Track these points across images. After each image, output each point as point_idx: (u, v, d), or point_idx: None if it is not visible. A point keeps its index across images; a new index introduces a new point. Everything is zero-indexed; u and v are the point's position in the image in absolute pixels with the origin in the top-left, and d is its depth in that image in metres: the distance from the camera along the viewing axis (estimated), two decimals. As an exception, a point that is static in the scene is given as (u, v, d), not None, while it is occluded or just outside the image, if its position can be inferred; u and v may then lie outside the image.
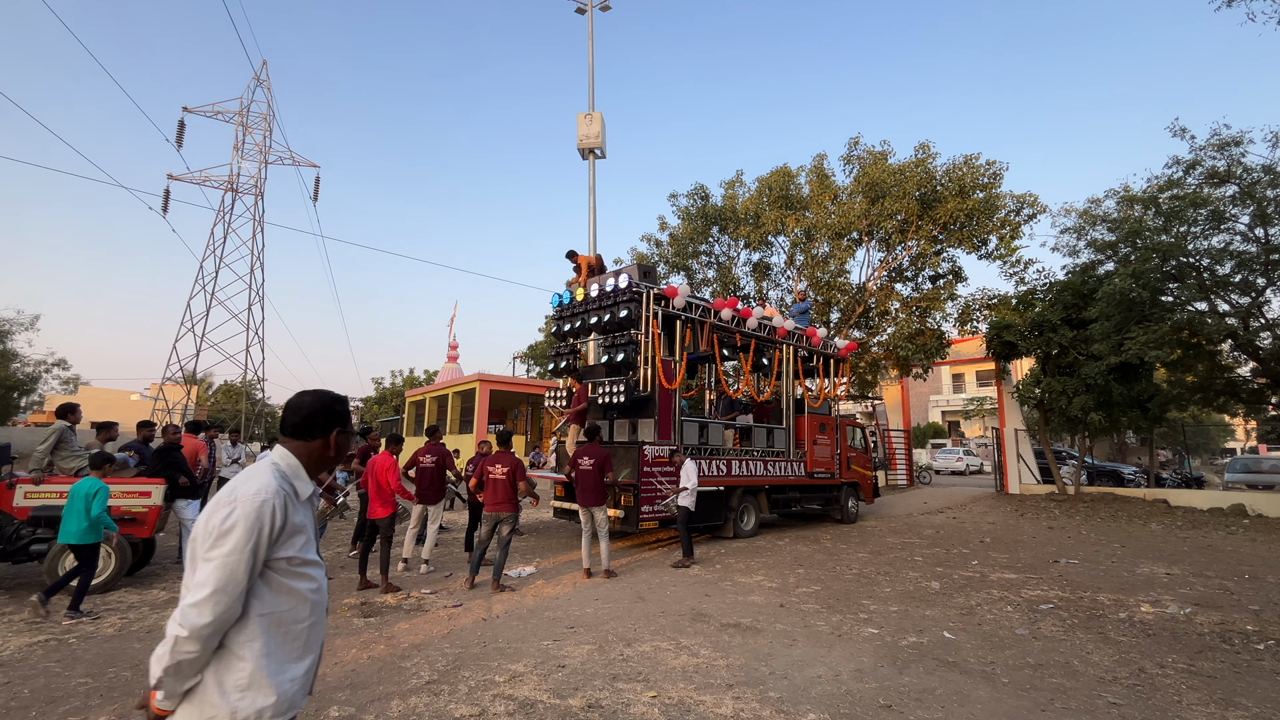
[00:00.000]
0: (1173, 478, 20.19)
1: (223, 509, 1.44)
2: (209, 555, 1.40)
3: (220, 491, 1.50)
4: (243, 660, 1.43)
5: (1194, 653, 4.68)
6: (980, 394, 38.43)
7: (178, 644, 1.36)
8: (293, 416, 1.64)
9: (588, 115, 15.22)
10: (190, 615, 1.36)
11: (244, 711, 1.41)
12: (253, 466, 1.61)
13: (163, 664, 1.36)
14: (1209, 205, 12.08)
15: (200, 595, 1.37)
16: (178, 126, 34.89)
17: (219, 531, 1.41)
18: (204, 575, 1.39)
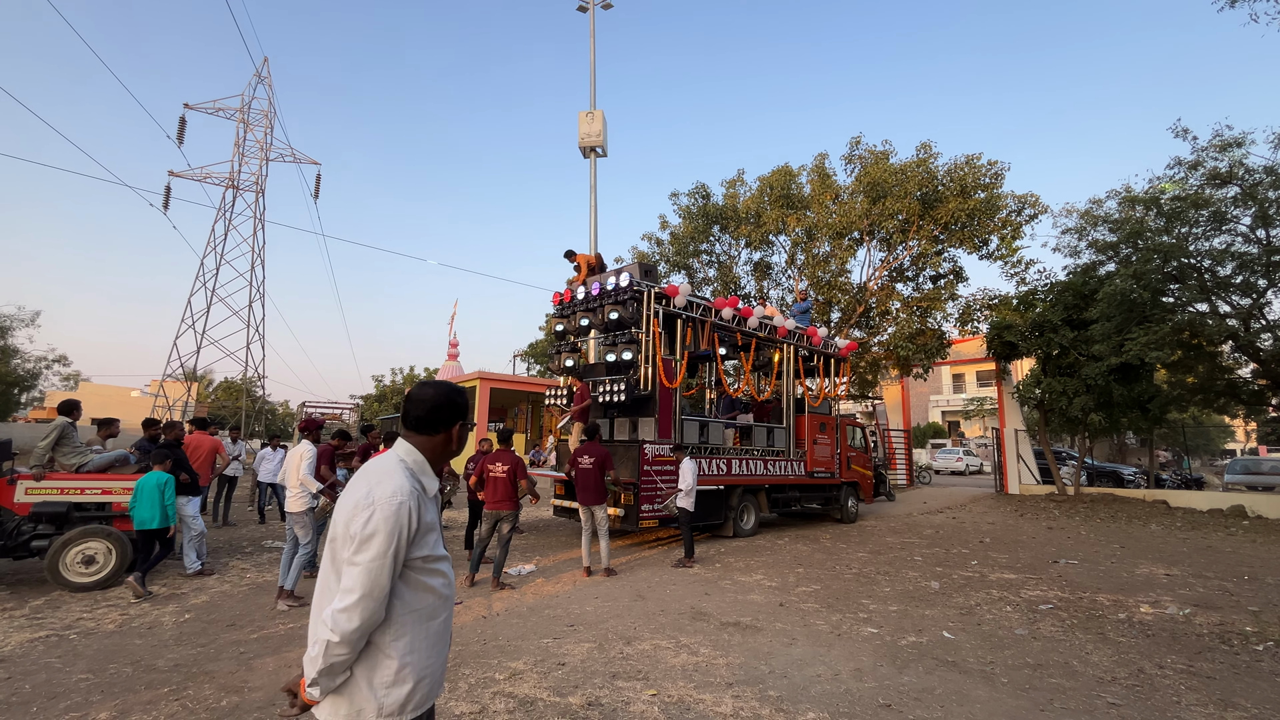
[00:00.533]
0: (1172, 478, 20.19)
1: (362, 513, 1.45)
2: (354, 560, 1.44)
3: (356, 492, 1.51)
4: (389, 658, 1.48)
5: (1193, 653, 4.68)
6: (980, 394, 38.42)
7: (329, 648, 1.40)
8: (416, 410, 1.63)
9: (589, 113, 15.20)
10: (340, 620, 1.40)
11: (390, 706, 1.46)
12: (380, 464, 1.60)
13: (316, 666, 1.41)
14: (1210, 206, 12.07)
15: (349, 601, 1.41)
16: (179, 123, 34.84)
17: (361, 537, 1.44)
18: (350, 581, 1.42)
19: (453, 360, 32.27)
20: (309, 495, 5.80)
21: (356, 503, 1.48)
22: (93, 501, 6.07)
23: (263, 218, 37.08)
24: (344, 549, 1.47)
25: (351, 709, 1.45)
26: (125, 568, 6.10)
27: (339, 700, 1.46)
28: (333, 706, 1.46)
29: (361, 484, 1.53)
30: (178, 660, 4.21)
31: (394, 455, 1.62)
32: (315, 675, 1.42)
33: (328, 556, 1.54)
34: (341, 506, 1.52)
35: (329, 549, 1.54)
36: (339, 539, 1.49)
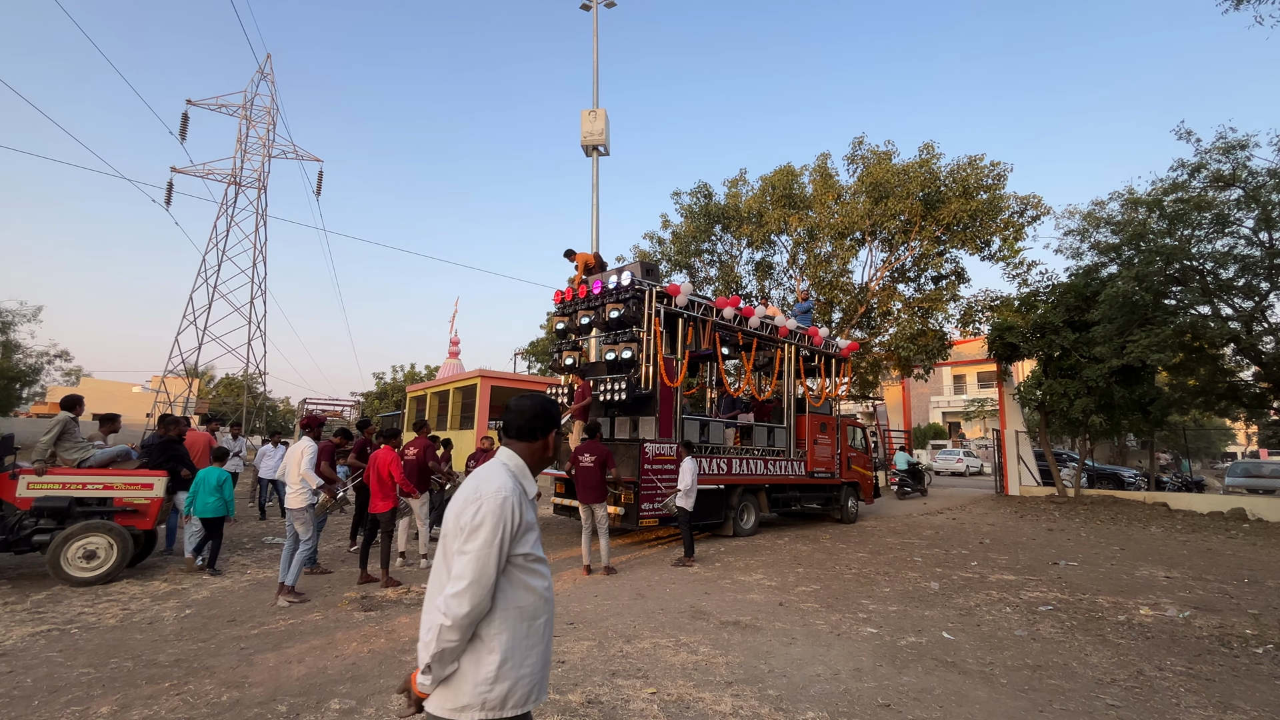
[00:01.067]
0: (1173, 481, 20.17)
1: (471, 506, 1.55)
2: (464, 549, 1.52)
3: (466, 490, 1.62)
4: (493, 652, 1.54)
5: (1192, 656, 4.68)
6: (981, 395, 38.39)
7: (442, 632, 1.49)
8: (517, 420, 1.76)
9: (592, 112, 15.19)
10: (452, 605, 1.48)
11: (492, 701, 1.52)
12: (486, 467, 1.70)
13: (430, 650, 1.49)
14: (1213, 209, 12.05)
15: (460, 586, 1.49)
16: (181, 119, 34.81)
17: (470, 527, 1.53)
18: (460, 568, 1.51)
19: (454, 358, 32.27)
20: (309, 492, 5.80)
21: (466, 498, 1.59)
22: (94, 496, 6.08)
23: (265, 214, 37.08)
24: (454, 541, 1.56)
25: (457, 702, 1.51)
26: (127, 563, 6.12)
27: (446, 693, 1.53)
28: (440, 699, 1.53)
29: (470, 483, 1.63)
30: (179, 655, 4.22)
31: (498, 460, 1.73)
32: (430, 660, 1.49)
33: (440, 551, 1.63)
34: (453, 504, 1.62)
35: (441, 544, 1.62)
36: (449, 533, 1.58)
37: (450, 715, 1.51)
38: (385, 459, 6.32)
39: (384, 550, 6.32)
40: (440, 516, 9.80)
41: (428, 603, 1.61)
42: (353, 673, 3.94)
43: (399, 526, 7.39)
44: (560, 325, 10.17)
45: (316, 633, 4.77)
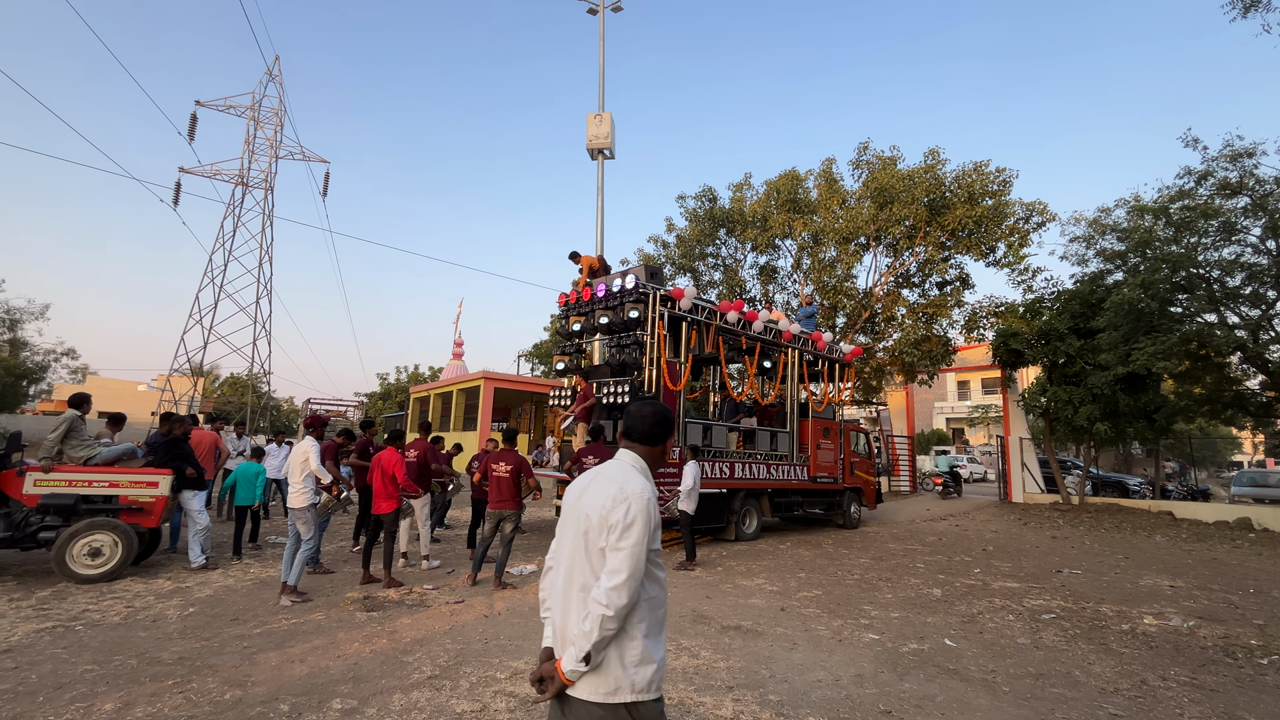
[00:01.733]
0: (1178, 490, 20.06)
1: (620, 506, 1.64)
2: (619, 545, 1.62)
3: (608, 489, 1.69)
4: (634, 639, 1.64)
5: (1197, 666, 4.65)
6: (985, 401, 38.29)
7: (604, 622, 1.57)
8: (641, 425, 1.86)
9: (597, 116, 15.24)
10: (614, 597, 1.57)
11: (640, 683, 1.63)
12: (616, 468, 1.78)
13: (591, 640, 1.57)
14: (1220, 216, 12.00)
15: (619, 580, 1.58)
16: (190, 120, 35.10)
17: (624, 525, 1.63)
18: (618, 563, 1.60)
19: (457, 359, 32.34)
20: (311, 491, 5.83)
21: (613, 497, 1.66)
22: (100, 494, 6.11)
23: (271, 215, 37.31)
24: (600, 537, 1.65)
25: (609, 686, 1.61)
26: (131, 561, 6.15)
27: (597, 679, 1.62)
28: (591, 685, 1.62)
29: (610, 483, 1.70)
30: (182, 653, 4.24)
31: (624, 462, 1.82)
32: (589, 649, 1.57)
33: (579, 546, 1.70)
34: (594, 502, 1.69)
35: (580, 540, 1.69)
36: (593, 530, 1.67)
37: (602, 699, 1.61)
38: (390, 460, 6.34)
39: (386, 551, 6.34)
40: (442, 518, 9.86)
41: (563, 597, 1.71)
42: (354, 673, 3.95)
43: (401, 527, 7.41)
44: (564, 327, 10.20)
45: (319, 632, 4.78)
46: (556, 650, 1.72)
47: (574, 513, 1.76)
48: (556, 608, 1.74)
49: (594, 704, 1.61)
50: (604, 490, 1.69)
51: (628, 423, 1.89)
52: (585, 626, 1.59)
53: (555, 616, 1.75)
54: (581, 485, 1.81)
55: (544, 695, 1.68)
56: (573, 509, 1.78)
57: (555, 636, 1.74)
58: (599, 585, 1.60)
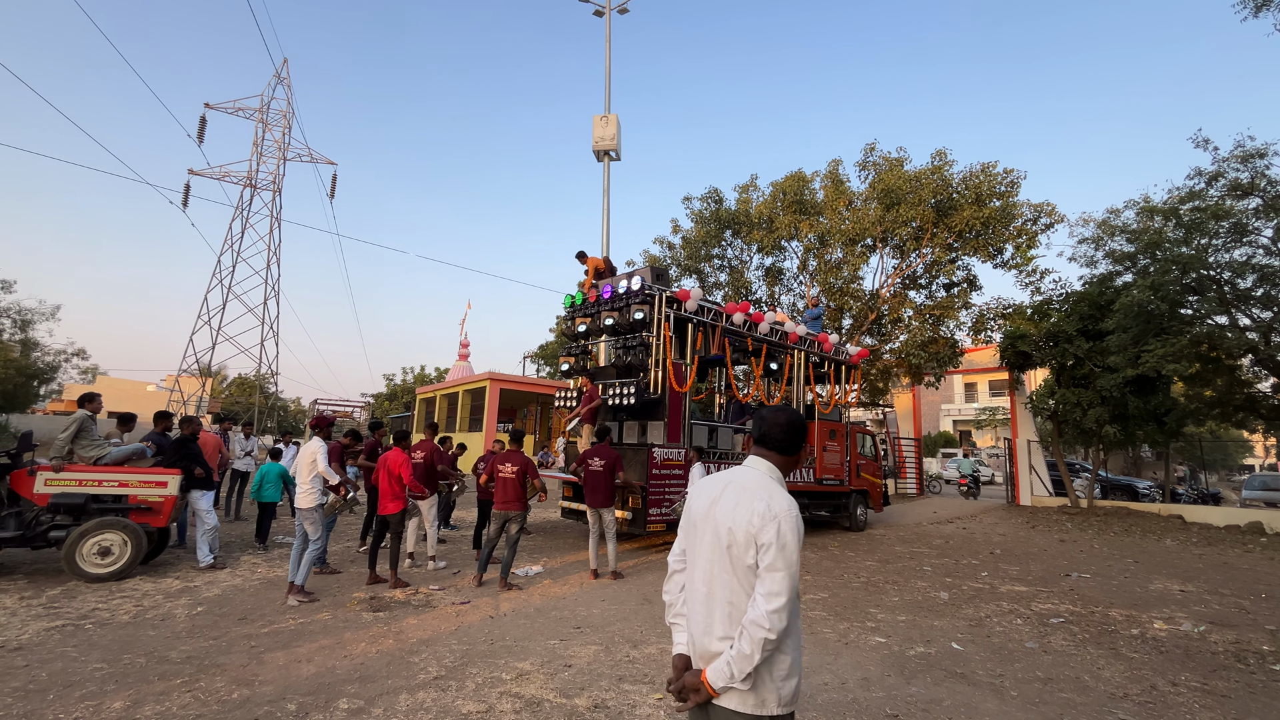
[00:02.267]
0: (1188, 493, 19.87)
1: (770, 524, 1.63)
2: (776, 566, 1.61)
3: (753, 505, 1.68)
4: (784, 653, 1.67)
5: (1207, 671, 4.61)
6: (993, 404, 38.03)
7: (765, 645, 1.58)
8: (777, 433, 1.83)
9: (603, 117, 15.26)
10: (775, 620, 1.58)
11: (785, 697, 1.66)
12: (754, 479, 1.76)
13: (753, 662, 1.58)
14: (1231, 218, 11.90)
15: (780, 603, 1.58)
16: (199, 122, 35.43)
17: (777, 545, 1.62)
18: (777, 585, 1.60)
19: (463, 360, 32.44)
20: (319, 492, 5.86)
21: (761, 514, 1.65)
22: (110, 494, 6.16)
23: (279, 217, 37.57)
24: (746, 554, 1.65)
25: (758, 699, 1.63)
26: (140, 560, 6.19)
27: (746, 694, 1.63)
28: (740, 698, 1.63)
29: (754, 498, 1.69)
30: (190, 652, 4.27)
31: (760, 472, 1.80)
32: (750, 670, 1.59)
33: (720, 560, 1.69)
34: (738, 516, 1.68)
35: (723, 554, 1.69)
36: (737, 545, 1.67)
37: (751, 711, 1.63)
38: (396, 460, 6.36)
39: (393, 551, 6.36)
40: (447, 518, 9.89)
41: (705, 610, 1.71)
42: (361, 673, 3.97)
43: (408, 528, 7.43)
44: (569, 329, 10.21)
45: (325, 632, 4.80)
46: (695, 659, 1.73)
47: (709, 522, 1.76)
48: (696, 617, 1.74)
49: (742, 714, 1.64)
50: (748, 505, 1.68)
51: (762, 430, 1.86)
52: (744, 649, 1.59)
53: (694, 626, 1.75)
54: (711, 493, 1.81)
55: (686, 706, 1.70)
56: (706, 517, 1.77)
57: (693, 646, 1.75)
58: (757, 607, 1.60)
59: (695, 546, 1.80)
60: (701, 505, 1.81)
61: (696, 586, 1.76)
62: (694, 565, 1.79)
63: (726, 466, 8.75)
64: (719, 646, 1.67)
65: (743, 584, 1.66)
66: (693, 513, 1.84)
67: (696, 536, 1.80)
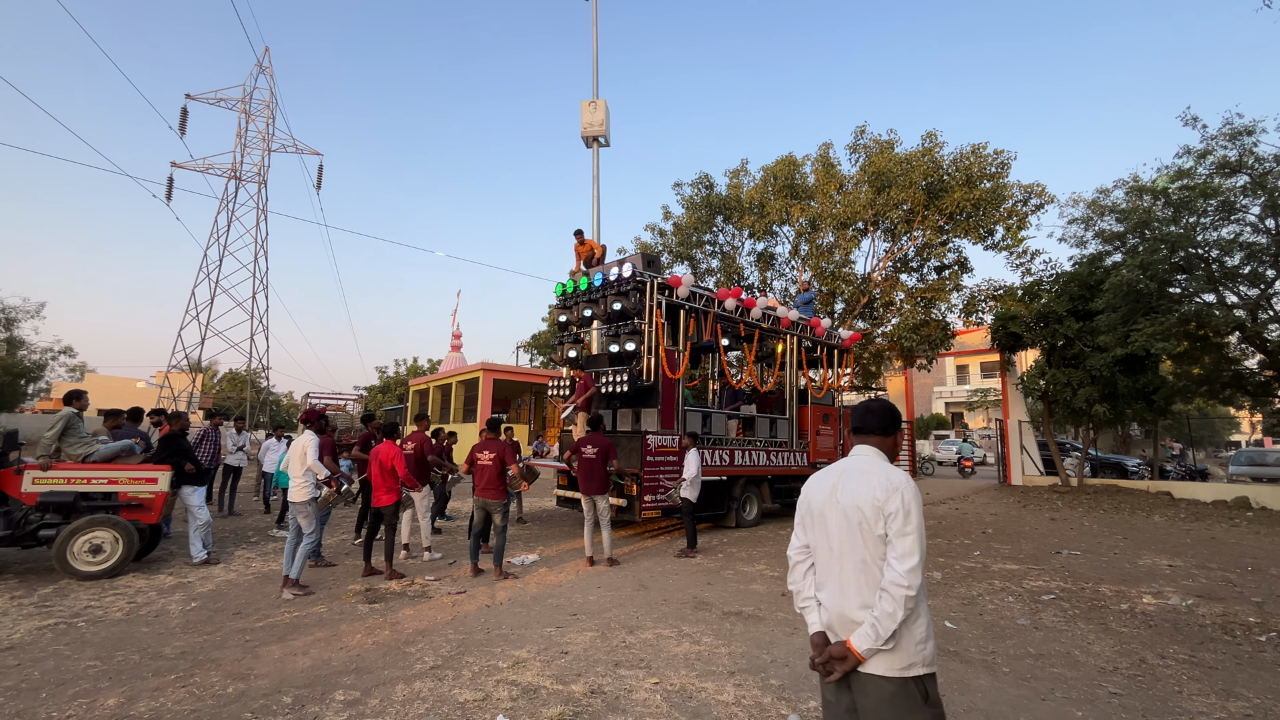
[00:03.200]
0: (1176, 470, 20.14)
1: (894, 495, 1.79)
2: (906, 530, 1.75)
3: (875, 481, 1.83)
4: (919, 616, 1.79)
5: (1195, 644, 4.68)
6: (984, 385, 38.35)
7: (906, 601, 1.70)
8: (874, 420, 2.01)
9: (592, 103, 15.11)
10: (913, 578, 1.71)
11: (926, 658, 1.77)
12: (866, 460, 1.94)
13: (896, 620, 1.71)
14: (1219, 195, 11.94)
15: (914, 561, 1.72)
16: (181, 114, 34.78)
17: (903, 511, 1.77)
18: (909, 546, 1.74)
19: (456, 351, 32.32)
20: (312, 485, 5.82)
21: (884, 487, 1.81)
22: (99, 491, 6.11)
23: (265, 208, 37.08)
24: (877, 525, 1.79)
25: (903, 661, 1.75)
26: (132, 557, 6.15)
27: (891, 656, 1.75)
28: (887, 662, 1.75)
29: (872, 476, 1.85)
30: (184, 648, 4.25)
31: (870, 456, 1.96)
32: (894, 628, 1.71)
33: (853, 537, 1.83)
34: (862, 494, 1.83)
35: (856, 531, 1.82)
36: (868, 520, 1.80)
37: (898, 674, 1.74)
38: (388, 453, 6.33)
39: (387, 543, 6.35)
40: (443, 509, 9.87)
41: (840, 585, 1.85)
42: (357, 664, 3.96)
43: (402, 519, 7.42)
44: (562, 317, 10.16)
45: (321, 625, 4.80)
46: (835, 634, 1.84)
47: (833, 508, 1.89)
48: (832, 594, 1.87)
49: (889, 678, 1.74)
50: (869, 483, 1.83)
51: (861, 420, 2.03)
52: (887, 608, 1.71)
53: (830, 603, 1.87)
54: (830, 481, 1.95)
55: (834, 676, 1.80)
56: (830, 504, 1.91)
57: (833, 621, 1.86)
58: (894, 569, 1.73)
59: (821, 533, 1.94)
60: (820, 496, 1.96)
61: (830, 567, 1.89)
62: (823, 549, 1.92)
63: (721, 453, 8.80)
64: (860, 615, 1.78)
65: (875, 554, 1.79)
66: (812, 505, 1.99)
67: (821, 524, 1.94)
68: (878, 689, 1.75)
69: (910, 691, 1.74)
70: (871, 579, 1.78)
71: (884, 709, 1.74)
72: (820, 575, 1.95)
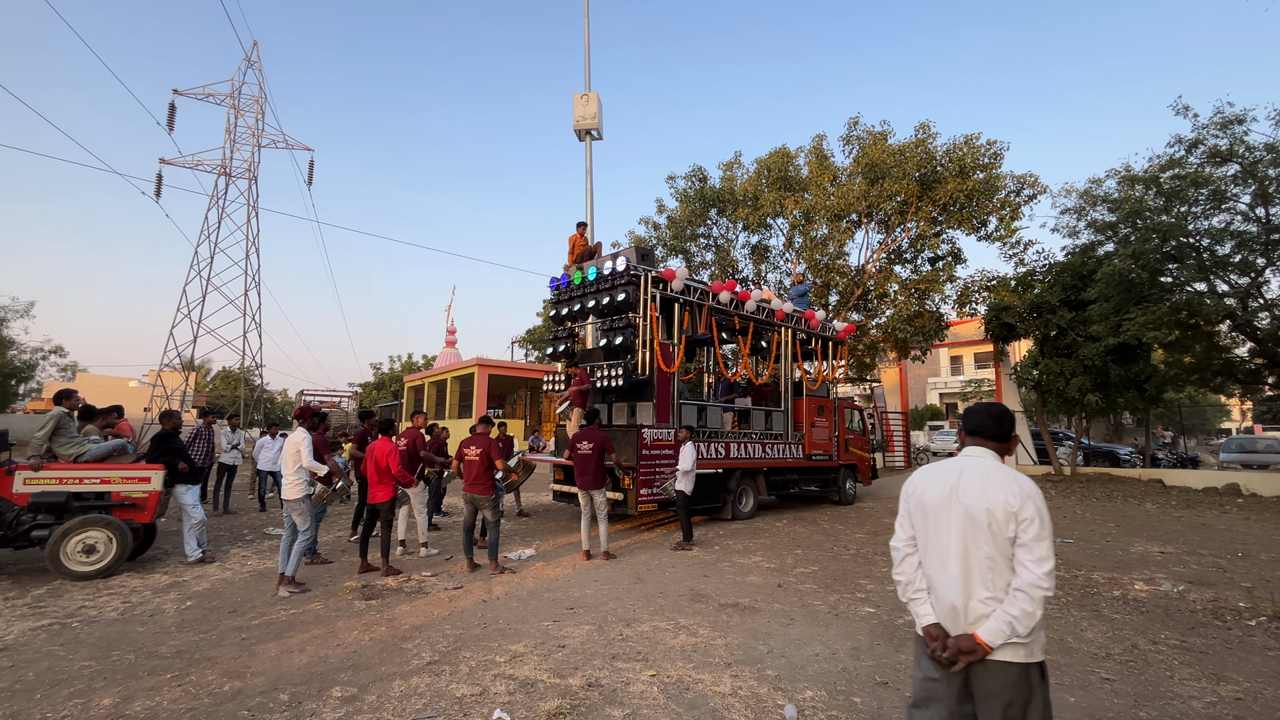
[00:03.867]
0: (1168, 458, 20.32)
1: (1028, 502, 1.90)
2: (1042, 535, 1.88)
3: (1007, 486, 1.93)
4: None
5: (1186, 629, 4.73)
6: (978, 376, 38.51)
7: (1043, 602, 1.85)
8: (991, 425, 2.11)
9: (584, 96, 15.00)
10: (1049, 580, 1.85)
11: (1043, 645, 1.94)
12: (990, 464, 2.03)
13: (1035, 618, 1.84)
14: (1210, 185, 11.99)
15: (1050, 565, 1.86)
16: (169, 109, 34.35)
17: (1038, 518, 1.89)
18: (1044, 551, 1.86)
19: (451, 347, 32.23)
20: (305, 482, 5.80)
21: (1017, 494, 1.92)
22: (92, 491, 6.07)
23: (256, 205, 36.76)
24: (1007, 528, 1.90)
25: (1028, 650, 1.90)
26: (127, 556, 6.12)
27: (1018, 646, 1.89)
28: (1012, 651, 1.89)
29: (1000, 482, 1.95)
30: (180, 647, 4.24)
31: (989, 459, 2.06)
32: (1033, 625, 1.85)
33: (977, 535, 1.93)
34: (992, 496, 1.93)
35: (985, 532, 1.92)
36: (998, 521, 1.91)
37: (1024, 660, 1.89)
38: (383, 450, 6.31)
39: (383, 539, 6.34)
40: (438, 505, 9.86)
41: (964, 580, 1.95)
42: (354, 661, 3.96)
43: (398, 515, 7.41)
44: (556, 312, 10.13)
45: (317, 622, 4.79)
46: (953, 624, 1.96)
47: (954, 506, 2.00)
48: (951, 587, 1.97)
49: (1014, 664, 1.89)
50: (1000, 487, 1.94)
51: (977, 423, 2.12)
52: (1027, 607, 1.84)
53: (948, 596, 1.97)
54: (946, 482, 2.04)
55: (959, 666, 1.93)
56: (949, 502, 2.01)
57: (954, 613, 1.96)
58: (1031, 571, 1.85)
59: (936, 528, 2.04)
60: (938, 493, 2.05)
61: (947, 561, 1.99)
62: (939, 544, 2.02)
63: (717, 446, 8.81)
64: (984, 609, 1.90)
65: (1003, 554, 1.91)
66: (925, 501, 2.08)
67: (936, 520, 2.04)
68: (1004, 674, 1.90)
69: (1031, 675, 1.90)
70: (999, 576, 1.91)
71: (1009, 692, 1.89)
72: (929, 568, 2.05)
